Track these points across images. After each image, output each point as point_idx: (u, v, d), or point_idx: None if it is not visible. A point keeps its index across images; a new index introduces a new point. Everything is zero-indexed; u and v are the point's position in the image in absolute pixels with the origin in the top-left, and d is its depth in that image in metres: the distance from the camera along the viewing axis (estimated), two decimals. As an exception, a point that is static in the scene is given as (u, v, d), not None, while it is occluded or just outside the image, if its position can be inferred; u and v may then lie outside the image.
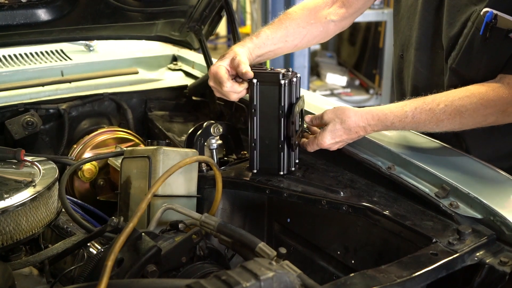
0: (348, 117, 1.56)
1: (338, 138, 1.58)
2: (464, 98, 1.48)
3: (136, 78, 2.55)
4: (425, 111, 1.50)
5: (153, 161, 1.61)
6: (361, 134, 1.58)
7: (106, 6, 2.05)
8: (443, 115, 1.48)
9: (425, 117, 1.50)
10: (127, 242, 1.24)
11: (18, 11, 1.93)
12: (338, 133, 1.57)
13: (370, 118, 1.55)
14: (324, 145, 1.59)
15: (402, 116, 1.52)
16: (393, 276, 1.17)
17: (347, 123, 1.56)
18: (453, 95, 1.50)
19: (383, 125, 1.54)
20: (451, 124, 1.50)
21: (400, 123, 1.52)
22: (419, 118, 1.50)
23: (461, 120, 1.49)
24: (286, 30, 1.81)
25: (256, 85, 1.60)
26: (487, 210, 1.35)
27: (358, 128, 1.56)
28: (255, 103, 1.61)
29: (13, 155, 1.67)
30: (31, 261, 1.45)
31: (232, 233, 1.33)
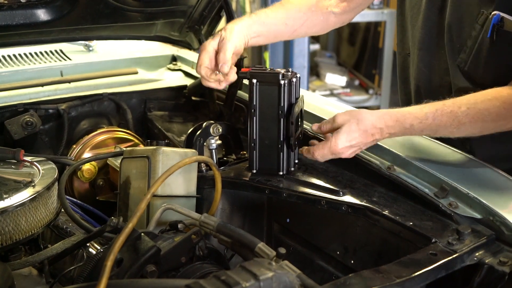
0: (365, 118, 1.48)
1: (354, 140, 1.48)
2: (487, 102, 1.44)
3: (135, 78, 2.54)
4: (446, 114, 1.44)
5: (152, 161, 1.60)
6: (377, 137, 1.49)
7: (106, 6, 2.05)
8: (465, 118, 1.43)
9: (446, 120, 1.44)
10: (127, 242, 1.24)
11: (17, 11, 1.93)
12: (354, 135, 1.47)
13: (388, 119, 1.47)
14: (338, 149, 1.48)
15: (422, 118, 1.45)
16: (393, 276, 1.17)
17: (364, 123, 1.47)
18: (475, 99, 1.46)
19: (401, 127, 1.46)
20: (472, 127, 1.45)
21: (420, 125, 1.45)
22: (440, 121, 1.44)
23: (483, 124, 1.45)
24: (287, 12, 1.76)
25: (256, 85, 1.60)
26: (487, 210, 1.36)
27: (375, 129, 1.47)
28: (255, 103, 1.61)
29: (13, 155, 1.67)
30: (30, 261, 1.44)
31: (231, 233, 1.33)
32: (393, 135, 1.50)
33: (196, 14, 2.27)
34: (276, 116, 1.61)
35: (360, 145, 1.51)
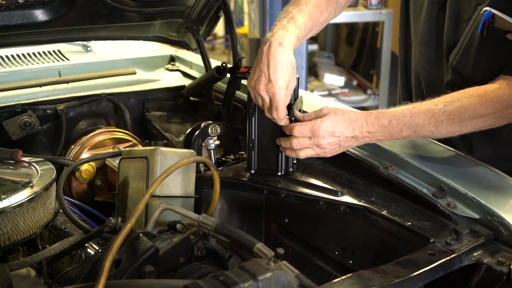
0: (348, 110, 1.51)
1: (337, 129, 1.47)
2: (464, 99, 1.46)
3: (133, 78, 2.54)
4: (423, 111, 1.46)
5: (151, 162, 1.60)
6: (357, 134, 1.48)
7: (104, 7, 2.05)
8: (442, 116, 1.45)
9: (424, 117, 1.45)
10: (125, 242, 1.24)
11: (15, 11, 1.93)
12: (339, 123, 1.47)
13: (368, 115, 1.49)
14: (319, 130, 1.47)
15: (399, 115, 1.47)
16: (391, 276, 1.17)
17: (347, 115, 1.48)
18: (452, 97, 1.48)
19: (380, 125, 1.48)
20: (450, 126, 1.46)
21: (398, 122, 1.46)
22: (418, 118, 1.45)
23: (461, 123, 1.45)
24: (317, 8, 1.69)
25: None
26: (485, 210, 1.36)
27: (356, 123, 1.48)
28: (253, 103, 1.61)
29: (11, 156, 1.67)
30: (28, 262, 1.44)
31: (230, 234, 1.33)
32: (373, 135, 1.49)
33: (194, 14, 2.27)
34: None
35: (340, 138, 1.48)
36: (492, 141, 1.69)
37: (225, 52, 9.71)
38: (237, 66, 2.13)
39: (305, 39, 1.68)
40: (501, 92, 1.46)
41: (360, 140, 1.50)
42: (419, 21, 1.76)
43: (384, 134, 1.49)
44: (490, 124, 1.49)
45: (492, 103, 1.45)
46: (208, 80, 2.27)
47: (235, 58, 2.16)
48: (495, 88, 1.48)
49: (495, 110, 1.46)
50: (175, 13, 2.25)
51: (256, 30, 6.46)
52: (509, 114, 1.47)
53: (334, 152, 1.53)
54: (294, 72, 1.54)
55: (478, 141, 1.68)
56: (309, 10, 1.63)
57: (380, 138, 1.51)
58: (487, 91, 1.47)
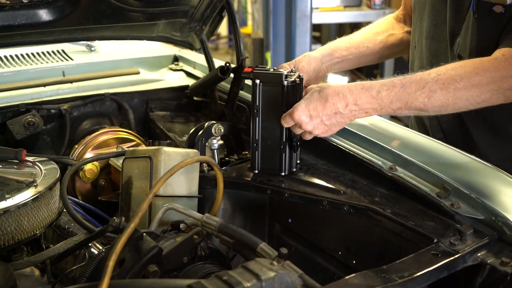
0: (328, 86, 1.44)
1: (313, 109, 1.42)
2: (458, 68, 1.40)
3: (137, 78, 2.55)
4: (415, 81, 1.39)
5: (154, 162, 1.61)
6: (338, 108, 1.41)
7: (108, 7, 2.05)
8: (435, 85, 1.37)
9: (416, 87, 1.38)
10: (129, 242, 1.24)
11: (19, 11, 1.93)
12: (314, 104, 1.42)
13: (353, 86, 1.41)
14: (296, 115, 1.44)
15: (389, 85, 1.40)
16: (394, 277, 1.17)
17: (325, 91, 1.42)
18: (446, 67, 1.42)
19: (368, 96, 1.40)
20: (444, 97, 1.38)
21: (388, 93, 1.39)
22: (410, 88, 1.38)
23: (455, 93, 1.38)
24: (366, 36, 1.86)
25: (259, 86, 1.60)
26: (489, 211, 1.35)
27: (336, 97, 1.40)
28: (258, 103, 1.61)
29: (15, 155, 1.67)
30: (32, 261, 1.45)
31: (233, 234, 1.33)
32: (360, 108, 1.42)
33: (198, 14, 2.27)
34: (279, 117, 1.60)
35: (321, 116, 1.43)
36: (496, 140, 1.68)
37: (229, 52, 9.72)
38: (240, 66, 2.13)
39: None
40: (497, 63, 1.41)
41: (347, 114, 1.44)
42: (424, 17, 1.76)
43: (372, 106, 1.42)
44: (486, 99, 1.41)
45: (488, 72, 1.39)
46: (211, 80, 2.28)
47: (238, 58, 2.16)
48: (491, 59, 1.43)
49: (491, 81, 1.39)
50: (178, 13, 2.25)
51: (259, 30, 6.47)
52: (505, 89, 1.40)
53: (325, 132, 1.49)
54: None
55: (482, 141, 1.68)
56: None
57: (369, 111, 1.44)
58: (483, 60, 1.42)
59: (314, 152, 1.84)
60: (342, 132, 1.81)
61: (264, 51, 6.07)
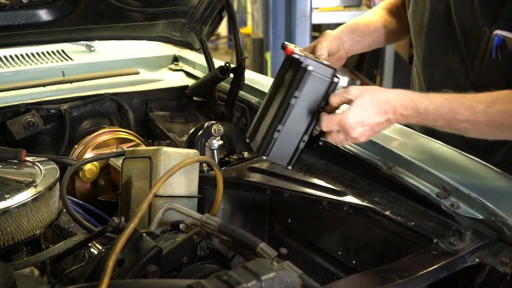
0: (379, 93, 1.35)
1: (367, 117, 1.33)
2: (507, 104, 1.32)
3: (137, 78, 2.55)
4: (464, 106, 1.33)
5: (154, 162, 1.61)
6: (390, 116, 1.35)
7: (107, 7, 2.05)
8: (482, 116, 1.32)
9: (463, 112, 1.33)
10: (128, 242, 1.24)
11: (19, 11, 1.93)
12: (368, 110, 1.32)
13: (403, 98, 1.34)
14: (347, 123, 1.33)
15: (438, 104, 1.33)
16: (394, 277, 1.17)
17: (378, 98, 1.33)
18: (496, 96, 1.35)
19: (415, 110, 1.34)
20: (487, 128, 1.34)
21: (435, 111, 1.33)
22: (457, 112, 1.32)
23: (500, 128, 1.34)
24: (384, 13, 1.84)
25: (309, 74, 1.40)
26: (488, 211, 1.35)
27: (389, 106, 1.33)
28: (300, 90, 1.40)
29: (14, 156, 1.67)
30: (32, 262, 1.45)
31: (233, 234, 1.33)
32: (405, 118, 1.36)
33: (197, 14, 2.27)
34: (312, 112, 1.43)
35: (372, 125, 1.36)
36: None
37: (228, 52, 9.72)
38: (240, 66, 2.13)
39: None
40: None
41: (393, 122, 1.39)
42: (420, 41, 1.73)
43: (417, 119, 1.37)
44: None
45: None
46: (211, 80, 2.28)
47: (238, 58, 2.16)
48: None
49: None
50: (178, 13, 2.25)
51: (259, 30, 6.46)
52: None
53: (369, 138, 1.41)
54: None
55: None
56: None
57: (411, 121, 1.40)
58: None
59: (314, 152, 1.84)
60: (342, 132, 1.81)
61: (263, 51, 6.07)
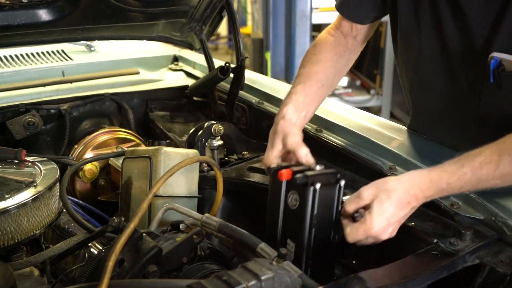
0: (394, 188, 1.26)
1: (392, 217, 1.25)
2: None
3: (137, 78, 2.55)
4: (486, 165, 1.26)
5: (154, 162, 1.61)
6: (414, 205, 1.28)
7: (107, 7, 2.05)
8: (509, 167, 1.25)
9: (487, 171, 1.26)
10: (128, 242, 1.24)
11: (19, 11, 1.93)
12: (390, 210, 1.24)
13: (421, 182, 1.27)
14: (374, 232, 1.24)
15: (460, 174, 1.26)
16: (394, 277, 1.17)
17: (396, 193, 1.25)
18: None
19: (437, 188, 1.27)
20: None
21: (458, 182, 1.26)
22: (481, 173, 1.26)
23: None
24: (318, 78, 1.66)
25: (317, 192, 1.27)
26: (489, 211, 1.35)
27: (409, 197, 1.26)
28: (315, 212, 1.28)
29: (14, 155, 1.67)
30: (32, 262, 1.45)
31: (233, 234, 1.33)
32: (429, 198, 1.30)
33: (197, 14, 2.27)
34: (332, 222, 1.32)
35: (399, 220, 1.28)
36: None
37: (228, 52, 9.73)
38: (240, 66, 2.13)
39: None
40: None
41: (418, 205, 1.31)
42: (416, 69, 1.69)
43: (441, 194, 1.32)
44: None
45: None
46: (211, 80, 2.28)
47: (238, 58, 2.16)
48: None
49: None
50: (178, 13, 2.25)
51: (259, 30, 6.47)
52: None
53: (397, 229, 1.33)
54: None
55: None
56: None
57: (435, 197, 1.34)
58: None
59: (314, 152, 1.84)
60: (342, 132, 1.81)
61: (264, 51, 6.08)
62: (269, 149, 1.50)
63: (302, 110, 1.57)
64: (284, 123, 1.51)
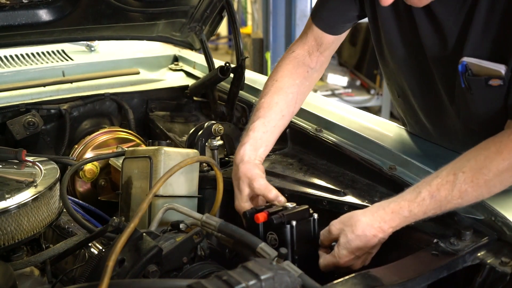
0: (358, 221, 1.32)
1: (358, 250, 1.32)
2: (481, 159, 1.28)
3: (137, 78, 2.55)
4: (443, 186, 1.29)
5: (154, 162, 1.61)
6: (380, 236, 1.32)
7: (107, 7, 2.05)
8: (464, 185, 1.27)
9: (445, 193, 1.28)
10: (128, 242, 1.24)
11: (19, 11, 1.93)
12: (355, 244, 1.31)
13: (383, 214, 1.32)
14: (342, 263, 1.33)
15: (419, 201, 1.29)
16: (394, 277, 1.17)
17: (359, 227, 1.31)
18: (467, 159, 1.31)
19: (401, 218, 1.31)
20: (477, 192, 1.29)
21: (420, 208, 1.29)
22: (440, 196, 1.28)
23: (487, 184, 1.28)
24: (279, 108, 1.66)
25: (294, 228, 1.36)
26: (488, 211, 1.35)
27: (374, 230, 1.31)
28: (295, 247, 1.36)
29: (15, 155, 1.67)
30: (32, 261, 1.45)
31: (233, 234, 1.33)
32: (396, 227, 1.33)
33: (197, 14, 2.27)
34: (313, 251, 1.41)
35: (369, 251, 1.35)
36: None
37: (228, 52, 9.73)
38: (240, 66, 2.13)
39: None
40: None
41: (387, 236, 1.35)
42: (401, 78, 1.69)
43: (407, 222, 1.33)
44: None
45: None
46: (211, 80, 2.28)
47: (238, 58, 2.16)
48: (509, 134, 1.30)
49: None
50: (178, 13, 2.25)
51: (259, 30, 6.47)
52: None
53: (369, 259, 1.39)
54: None
55: None
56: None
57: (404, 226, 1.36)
58: (502, 141, 1.30)
59: (314, 152, 1.84)
60: (342, 132, 1.81)
61: (264, 51, 6.07)
62: (238, 196, 1.57)
63: (260, 147, 1.61)
64: (245, 167, 1.56)
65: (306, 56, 1.74)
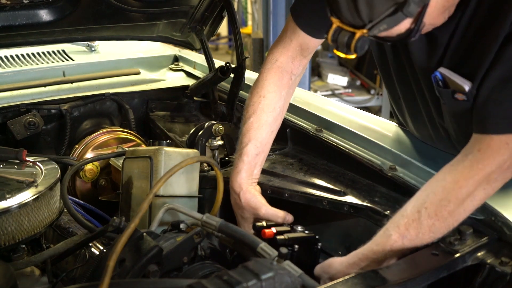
0: (335, 270, 1.34)
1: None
2: (439, 191, 1.29)
3: (137, 78, 2.55)
4: (410, 225, 1.29)
5: (154, 162, 1.61)
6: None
7: (108, 7, 2.05)
8: (429, 220, 1.28)
9: (415, 232, 1.28)
10: (129, 242, 1.24)
11: (20, 11, 1.93)
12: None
13: (358, 262, 1.33)
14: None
15: (391, 243, 1.29)
16: (394, 277, 1.17)
17: (336, 277, 1.31)
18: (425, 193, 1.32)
19: (377, 262, 1.31)
20: (444, 223, 1.28)
21: (394, 250, 1.30)
22: (410, 236, 1.28)
23: (452, 215, 1.28)
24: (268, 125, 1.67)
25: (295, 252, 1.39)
26: (488, 211, 1.36)
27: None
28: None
29: (15, 155, 1.67)
30: (33, 261, 1.45)
31: (233, 233, 1.33)
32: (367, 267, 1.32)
33: (198, 14, 2.27)
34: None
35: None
36: None
37: (229, 52, 9.72)
38: (240, 66, 2.13)
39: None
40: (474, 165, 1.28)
41: None
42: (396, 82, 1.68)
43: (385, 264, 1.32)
44: (484, 197, 1.31)
45: (470, 179, 1.27)
46: (211, 80, 2.28)
47: (238, 58, 2.16)
48: (467, 162, 1.30)
49: (478, 184, 1.28)
50: (179, 13, 2.25)
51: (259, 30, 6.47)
52: (495, 179, 1.28)
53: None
54: None
55: None
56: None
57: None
58: (457, 169, 1.30)
59: (314, 152, 1.84)
60: (342, 132, 1.82)
61: (264, 51, 6.07)
62: (242, 224, 1.62)
63: (254, 168, 1.64)
64: (245, 197, 1.60)
65: (289, 63, 1.71)
